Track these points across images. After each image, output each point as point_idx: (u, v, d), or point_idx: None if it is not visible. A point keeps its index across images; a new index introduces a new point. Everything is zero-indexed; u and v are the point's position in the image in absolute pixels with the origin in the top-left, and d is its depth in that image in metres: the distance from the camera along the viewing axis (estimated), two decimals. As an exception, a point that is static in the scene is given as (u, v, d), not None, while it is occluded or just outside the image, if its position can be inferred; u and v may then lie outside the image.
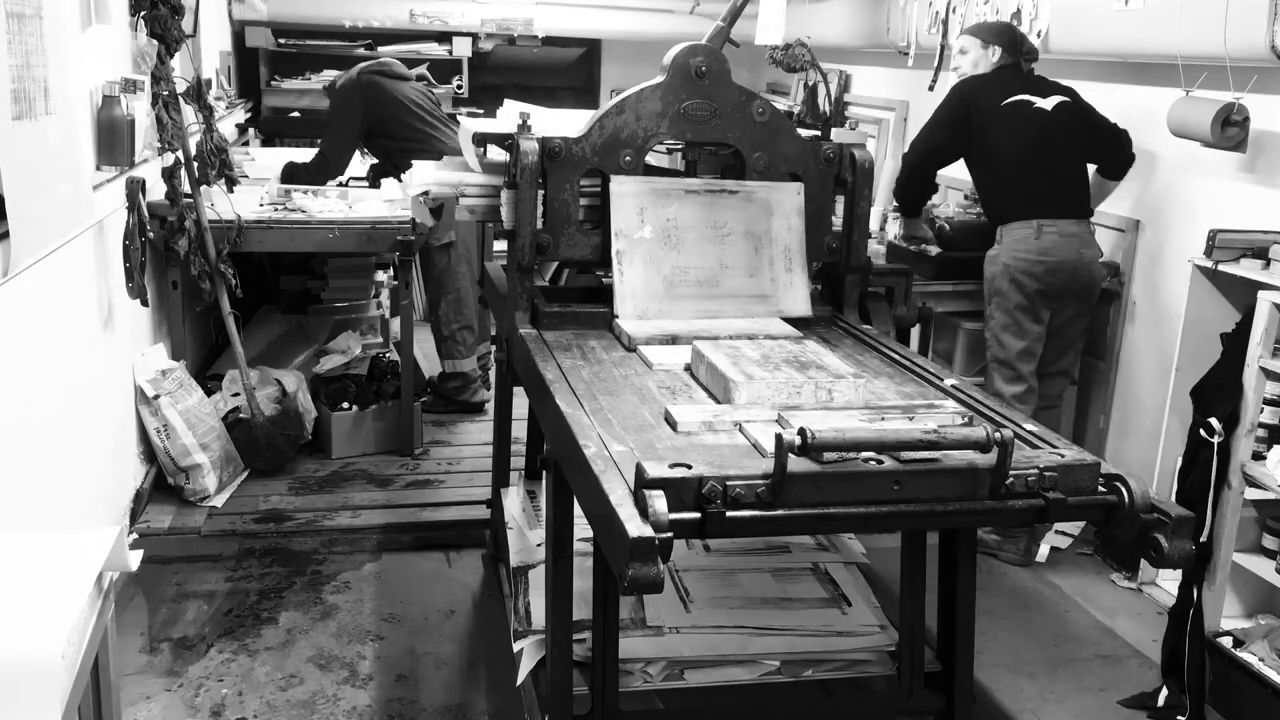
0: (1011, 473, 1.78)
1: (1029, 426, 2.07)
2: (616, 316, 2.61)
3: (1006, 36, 3.82)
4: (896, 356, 2.51)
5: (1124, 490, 1.82)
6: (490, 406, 4.87)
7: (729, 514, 1.68)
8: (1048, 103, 3.70)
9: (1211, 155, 3.42)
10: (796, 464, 1.70)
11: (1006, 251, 3.69)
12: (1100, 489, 1.85)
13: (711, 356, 2.22)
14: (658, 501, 1.62)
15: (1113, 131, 3.78)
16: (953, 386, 2.30)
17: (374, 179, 4.91)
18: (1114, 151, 3.79)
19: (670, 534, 1.59)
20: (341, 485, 4.13)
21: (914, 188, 3.96)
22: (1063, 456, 1.87)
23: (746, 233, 2.72)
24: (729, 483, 1.68)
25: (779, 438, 1.66)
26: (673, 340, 2.49)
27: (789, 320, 2.63)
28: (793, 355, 2.27)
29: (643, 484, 1.65)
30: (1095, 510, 1.85)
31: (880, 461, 1.76)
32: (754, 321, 2.61)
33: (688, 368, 2.35)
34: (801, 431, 1.66)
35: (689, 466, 1.70)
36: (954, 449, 1.76)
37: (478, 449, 4.44)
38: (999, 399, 2.44)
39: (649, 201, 2.68)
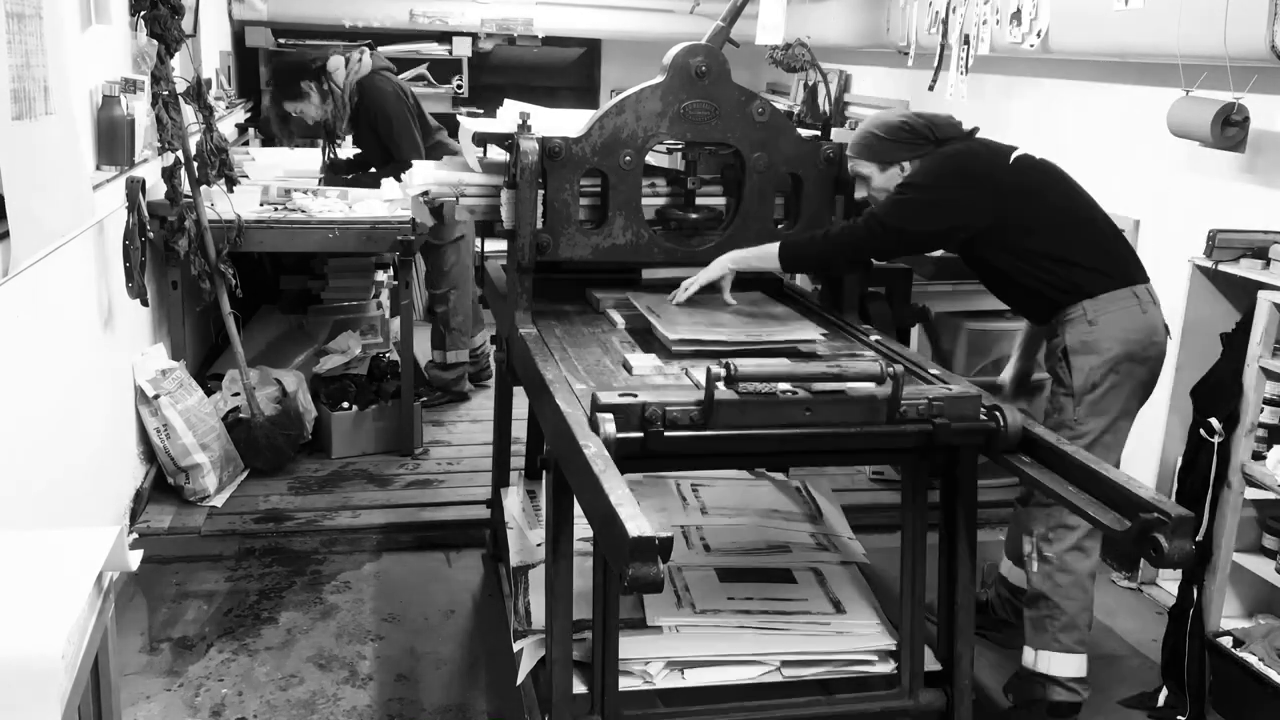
0: (904, 402, 2.09)
1: (934, 371, 2.35)
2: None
3: (922, 135, 2.80)
4: (830, 318, 2.81)
5: (1001, 418, 2.12)
6: (478, 398, 5.09)
7: (666, 434, 1.99)
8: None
9: (1211, 155, 3.42)
10: (724, 394, 2.01)
11: (1111, 331, 2.71)
12: (982, 417, 2.15)
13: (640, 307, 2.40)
14: (608, 424, 1.92)
15: None
16: (876, 341, 2.59)
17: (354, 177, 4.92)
18: None
19: (669, 538, 1.60)
20: (341, 485, 4.13)
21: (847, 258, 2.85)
22: (950, 389, 2.20)
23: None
24: (667, 408, 2.00)
25: (709, 370, 2.00)
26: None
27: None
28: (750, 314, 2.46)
29: (596, 408, 1.97)
30: (976, 435, 2.16)
31: (795, 392, 2.07)
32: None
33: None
34: (726, 365, 2.00)
35: (635, 395, 2.01)
36: (854, 381, 2.09)
37: (478, 449, 4.43)
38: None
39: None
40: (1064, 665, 2.78)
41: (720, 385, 2.00)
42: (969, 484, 2.46)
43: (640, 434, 1.97)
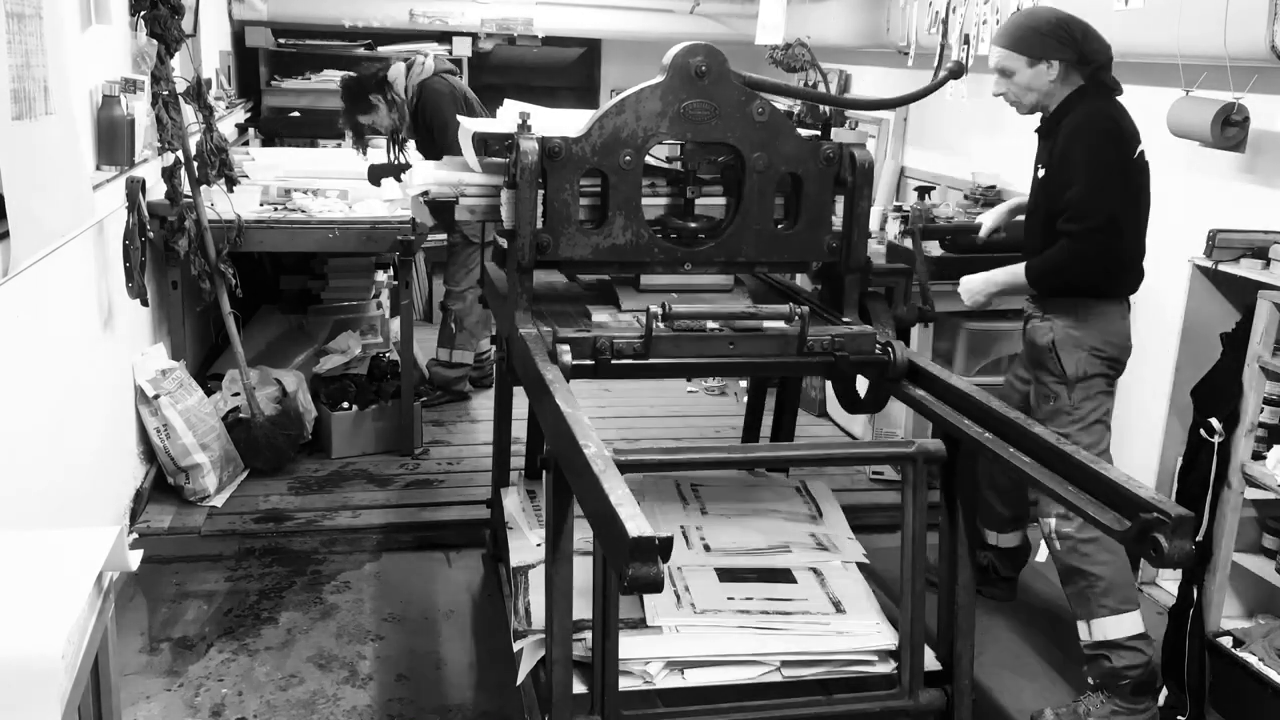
0: (810, 338, 2.54)
1: (845, 318, 2.69)
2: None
3: (1075, 38, 2.93)
4: (771, 283, 3.08)
5: (892, 351, 2.53)
6: (478, 398, 5.10)
7: (613, 362, 2.46)
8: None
9: (1211, 155, 3.42)
10: (661, 330, 2.46)
11: (1100, 334, 2.97)
12: (876, 351, 2.56)
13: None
14: (565, 354, 2.35)
15: None
16: (806, 297, 2.85)
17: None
18: None
19: (669, 538, 1.60)
20: (341, 485, 4.13)
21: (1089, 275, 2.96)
22: (851, 329, 2.60)
23: None
24: (614, 340, 2.46)
25: (648, 310, 2.44)
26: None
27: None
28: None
29: (556, 340, 2.39)
30: (871, 366, 2.58)
31: (721, 330, 2.51)
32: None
33: None
34: (664, 305, 2.45)
35: (588, 331, 2.49)
36: (768, 320, 2.53)
37: (478, 449, 4.44)
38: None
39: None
40: (1118, 627, 2.86)
41: (658, 323, 2.45)
42: (968, 483, 2.46)
43: (592, 362, 2.45)
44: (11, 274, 2.42)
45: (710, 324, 2.51)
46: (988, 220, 3.46)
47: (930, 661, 2.49)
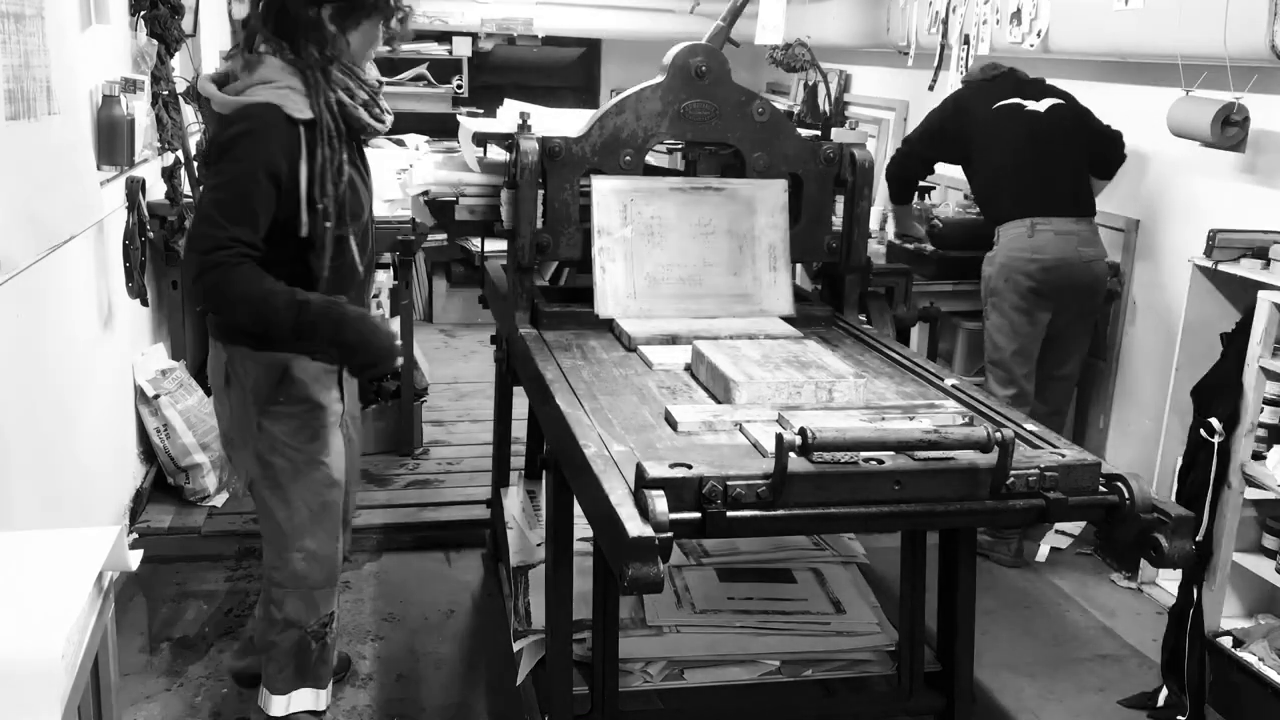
0: (1012, 473, 1.77)
1: (1030, 426, 2.06)
2: (598, 314, 2.62)
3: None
4: (896, 356, 2.51)
5: (1125, 490, 1.82)
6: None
7: (729, 514, 1.68)
8: (1040, 105, 3.80)
9: (1211, 155, 3.42)
10: (797, 464, 1.70)
11: (1002, 251, 3.71)
12: (1101, 489, 1.85)
13: (712, 356, 2.22)
14: (658, 501, 1.61)
15: (1107, 134, 3.85)
16: (953, 386, 2.30)
17: None
18: (1106, 151, 3.87)
19: (670, 534, 1.59)
20: (341, 485, 4.12)
21: (896, 184, 4.15)
22: (1063, 456, 1.88)
23: (729, 231, 2.72)
24: (729, 482, 1.68)
25: (780, 438, 1.66)
26: (673, 340, 2.49)
27: (786, 319, 2.63)
28: (793, 355, 2.27)
29: (643, 484, 1.65)
30: (1096, 510, 1.86)
31: (881, 461, 1.76)
32: (754, 321, 2.61)
33: (688, 368, 2.35)
34: (802, 431, 1.66)
35: (689, 466, 1.69)
36: (955, 449, 1.76)
37: (478, 449, 4.43)
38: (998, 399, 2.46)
39: (631, 199, 2.68)
40: None
41: (793, 454, 1.68)
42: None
43: (698, 514, 1.67)
44: (12, 274, 2.42)
45: (866, 454, 1.76)
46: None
47: (930, 661, 2.49)
